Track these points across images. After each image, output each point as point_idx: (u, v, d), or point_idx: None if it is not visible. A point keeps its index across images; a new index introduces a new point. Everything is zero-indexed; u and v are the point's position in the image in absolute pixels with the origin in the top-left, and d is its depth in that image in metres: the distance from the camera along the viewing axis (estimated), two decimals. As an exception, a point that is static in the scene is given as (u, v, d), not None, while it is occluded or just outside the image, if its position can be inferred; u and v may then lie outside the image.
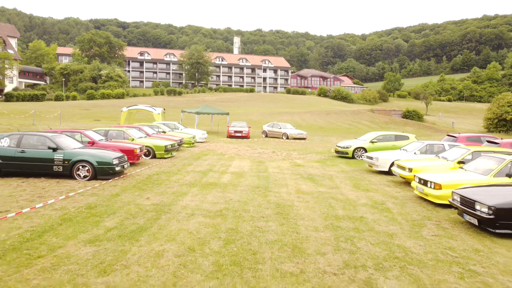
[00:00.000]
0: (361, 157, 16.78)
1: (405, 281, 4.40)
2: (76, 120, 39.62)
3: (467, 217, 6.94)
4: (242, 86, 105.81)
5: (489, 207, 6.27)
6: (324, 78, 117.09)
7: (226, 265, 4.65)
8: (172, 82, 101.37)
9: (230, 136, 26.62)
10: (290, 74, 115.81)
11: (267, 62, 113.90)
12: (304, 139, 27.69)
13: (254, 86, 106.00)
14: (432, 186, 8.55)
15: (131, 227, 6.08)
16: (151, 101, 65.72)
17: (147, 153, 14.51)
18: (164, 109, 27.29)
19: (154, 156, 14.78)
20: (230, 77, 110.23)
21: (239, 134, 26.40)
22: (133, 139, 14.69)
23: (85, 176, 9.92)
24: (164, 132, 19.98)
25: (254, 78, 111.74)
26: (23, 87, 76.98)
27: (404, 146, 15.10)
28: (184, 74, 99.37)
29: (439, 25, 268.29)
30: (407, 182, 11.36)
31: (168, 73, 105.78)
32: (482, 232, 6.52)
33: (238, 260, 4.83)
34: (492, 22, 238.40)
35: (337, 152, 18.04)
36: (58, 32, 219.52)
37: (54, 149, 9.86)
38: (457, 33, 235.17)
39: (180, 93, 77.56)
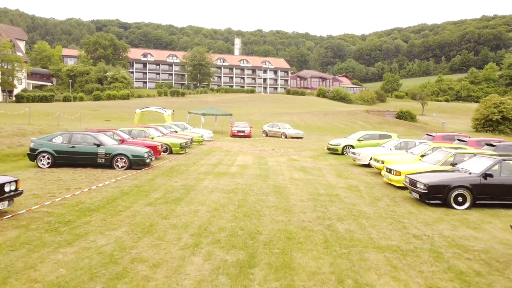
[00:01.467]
0: (349, 153, 19.36)
1: (353, 224, 6.97)
2: (88, 120, 42.01)
3: (413, 194, 9.52)
4: (243, 87, 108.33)
5: (425, 184, 8.85)
6: (323, 79, 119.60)
7: (240, 217, 7.22)
8: (175, 83, 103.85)
9: (234, 136, 29.20)
10: (290, 75, 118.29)
11: (267, 63, 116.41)
12: (301, 138, 30.26)
13: (255, 86, 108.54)
14: (394, 173, 11.12)
15: (171, 197, 8.66)
16: (155, 101, 68.28)
17: (165, 149, 17.08)
18: (173, 111, 29.83)
19: (171, 152, 17.36)
20: (231, 78, 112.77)
21: (242, 134, 28.99)
22: (152, 138, 17.27)
23: (122, 167, 12.50)
24: (176, 131, 22.56)
25: (254, 79, 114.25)
26: (31, 88, 79.51)
27: (385, 143, 17.67)
28: (186, 75, 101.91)
29: (438, 26, 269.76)
30: (380, 173, 13.93)
31: (171, 74, 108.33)
32: (421, 203, 9.09)
33: (247, 214, 7.41)
34: (490, 23, 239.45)
35: (328, 149, 20.62)
36: (60, 33, 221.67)
37: (98, 145, 12.45)
38: (456, 33, 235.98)
39: (183, 94, 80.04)
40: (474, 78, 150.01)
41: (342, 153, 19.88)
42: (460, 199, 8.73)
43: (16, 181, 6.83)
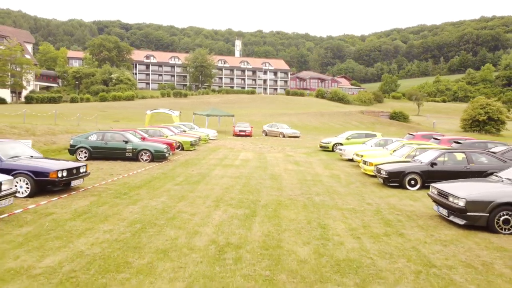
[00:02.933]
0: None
1: (326, 197, 9.66)
2: (98, 121, 44.58)
3: (379, 179, 12.20)
4: (244, 87, 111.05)
5: (386, 171, 11.52)
6: (322, 80, 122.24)
7: (244, 192, 9.90)
8: (177, 84, 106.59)
9: (236, 135, 31.90)
10: (289, 76, 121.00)
11: (267, 64, 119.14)
12: (297, 137, 32.95)
13: (255, 87, 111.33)
14: (368, 164, 13.79)
15: (192, 180, 11.35)
16: (159, 102, 70.95)
17: (178, 146, 19.76)
18: (181, 112, 32.50)
19: (182, 149, 20.03)
20: (232, 79, 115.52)
21: (243, 133, 31.69)
22: (167, 136, 19.94)
23: (146, 159, 15.18)
24: (184, 131, 25.23)
25: (255, 80, 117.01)
26: (38, 89, 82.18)
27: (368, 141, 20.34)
28: (188, 77, 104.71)
29: (437, 26, 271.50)
30: (359, 165, 16.59)
31: (173, 75, 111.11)
32: (383, 186, 11.77)
33: (250, 191, 10.09)
34: (489, 24, 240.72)
35: (321, 146, 23.30)
36: (62, 34, 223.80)
37: (126, 142, 15.14)
38: (454, 34, 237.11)
39: (185, 95, 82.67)
40: (471, 79, 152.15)
41: (332, 150, 22.55)
42: (412, 182, 11.41)
43: (85, 165, 9.51)
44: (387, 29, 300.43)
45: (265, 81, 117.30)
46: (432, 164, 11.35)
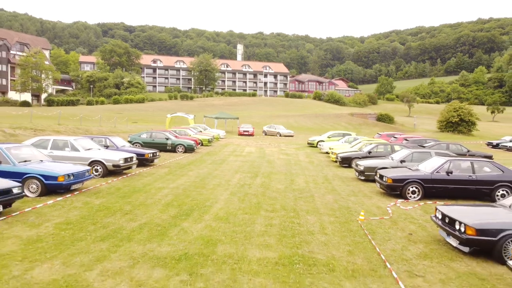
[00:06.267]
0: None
1: (299, 171, 16.27)
2: (119, 123, 50.94)
3: (338, 162, 18.78)
4: (245, 90, 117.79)
5: (341, 157, 18.08)
6: (320, 83, 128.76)
7: (250, 168, 16.52)
8: (182, 87, 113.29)
9: (241, 134, 38.53)
10: (288, 78, 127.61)
11: (267, 68, 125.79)
12: (292, 136, 39.57)
13: (256, 90, 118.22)
14: (333, 154, 20.33)
15: (217, 162, 17.98)
16: (167, 105, 77.63)
17: (199, 142, 26.34)
18: (195, 115, 39.11)
19: (202, 145, 26.58)
20: (234, 81, 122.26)
21: (247, 133, 38.33)
22: (190, 135, 26.53)
23: (181, 151, 21.76)
24: (200, 131, 31.81)
25: (256, 82, 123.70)
26: (54, 92, 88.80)
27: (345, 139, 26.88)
28: (193, 80, 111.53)
29: (435, 28, 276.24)
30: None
31: (178, 79, 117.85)
32: (338, 166, 18.32)
33: (254, 167, 16.71)
34: (486, 26, 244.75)
35: (308, 143, 29.90)
36: (68, 37, 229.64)
37: (167, 139, 21.74)
38: (451, 36, 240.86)
39: (191, 98, 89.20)
40: (465, 80, 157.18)
41: (316, 146, 29.12)
42: (353, 164, 17.94)
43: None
44: (386, 31, 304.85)
45: (265, 83, 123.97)
46: (369, 152, 17.91)
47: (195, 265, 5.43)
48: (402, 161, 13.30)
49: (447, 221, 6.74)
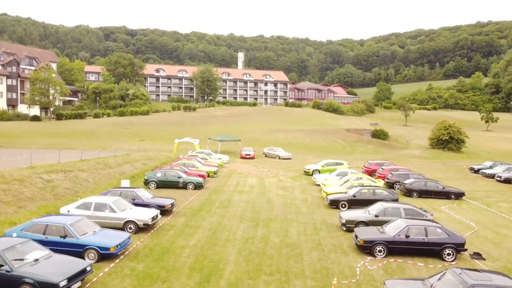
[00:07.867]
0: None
1: (294, 221, 19.30)
2: (124, 139, 53.42)
3: (330, 205, 21.82)
4: (246, 98, 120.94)
5: (329, 199, 21.10)
6: (319, 90, 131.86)
7: (252, 214, 19.53)
8: (185, 96, 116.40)
9: (242, 158, 41.59)
10: (288, 86, 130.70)
11: (268, 76, 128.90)
12: (290, 159, 42.62)
13: (257, 98, 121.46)
14: (324, 192, 23.30)
15: (223, 206, 20.97)
16: (171, 117, 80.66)
17: (207, 175, 29.35)
18: (200, 140, 42.18)
19: (208, 176, 29.57)
20: (235, 90, 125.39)
21: (248, 156, 41.42)
22: (197, 168, 29.55)
23: (191, 188, 24.77)
24: (206, 159, 34.77)
25: (256, 91, 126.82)
26: (61, 104, 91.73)
27: (338, 169, 29.82)
28: (195, 89, 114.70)
29: (434, 31, 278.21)
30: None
31: (181, 88, 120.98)
32: (328, 206, 21.34)
33: (255, 214, 19.74)
34: (484, 29, 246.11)
35: (304, 172, 32.91)
36: (70, 41, 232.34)
37: (179, 177, 24.78)
38: (450, 40, 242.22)
39: (194, 109, 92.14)
40: (462, 86, 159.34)
41: (311, 174, 32.07)
42: (343, 205, 20.89)
43: (172, 203, 19.15)
44: (386, 34, 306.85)
45: (266, 92, 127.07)
46: (354, 195, 20.89)
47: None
48: (376, 216, 16.29)
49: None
